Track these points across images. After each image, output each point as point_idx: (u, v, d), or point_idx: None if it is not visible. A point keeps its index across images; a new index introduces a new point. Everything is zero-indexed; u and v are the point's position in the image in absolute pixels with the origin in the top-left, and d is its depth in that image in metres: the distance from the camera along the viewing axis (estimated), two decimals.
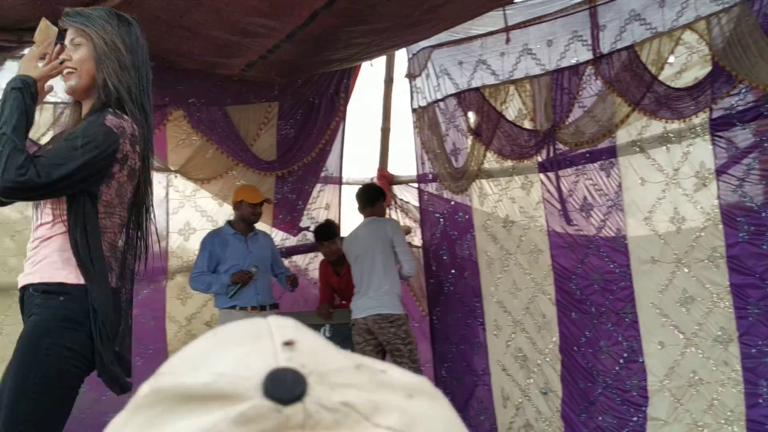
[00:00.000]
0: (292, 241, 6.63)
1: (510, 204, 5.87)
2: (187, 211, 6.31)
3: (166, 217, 6.23)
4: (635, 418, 5.15)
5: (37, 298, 2.84)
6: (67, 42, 2.97)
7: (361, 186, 6.37)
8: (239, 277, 5.73)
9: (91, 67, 2.92)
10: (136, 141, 2.88)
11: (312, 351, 0.52)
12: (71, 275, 2.77)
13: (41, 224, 2.89)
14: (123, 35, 2.95)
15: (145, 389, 0.51)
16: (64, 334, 2.75)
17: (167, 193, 6.23)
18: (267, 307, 5.88)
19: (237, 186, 6.17)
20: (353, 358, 0.53)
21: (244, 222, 5.93)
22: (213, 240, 5.91)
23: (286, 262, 6.47)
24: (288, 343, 0.51)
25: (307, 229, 6.65)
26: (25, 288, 2.91)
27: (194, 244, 6.15)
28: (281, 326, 0.53)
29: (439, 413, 0.53)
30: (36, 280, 2.85)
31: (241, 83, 6.27)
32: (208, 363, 0.51)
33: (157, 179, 6.16)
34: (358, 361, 0.53)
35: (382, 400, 0.50)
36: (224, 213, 6.28)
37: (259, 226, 6.10)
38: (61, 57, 2.95)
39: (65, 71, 2.96)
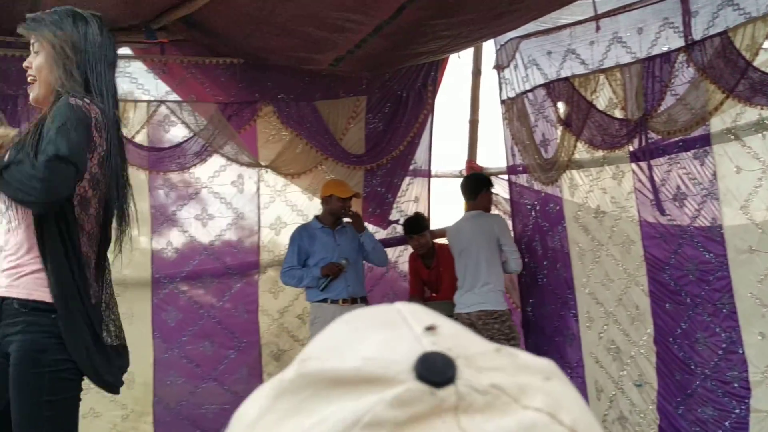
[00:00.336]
0: (381, 234, 6.81)
1: (601, 194, 5.93)
2: (277, 205, 6.57)
3: (258, 212, 6.51)
4: (738, 411, 5.16)
5: (27, 315, 2.85)
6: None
7: (464, 177, 6.57)
8: (329, 270, 5.97)
9: (47, 75, 2.96)
10: (101, 126, 2.87)
11: (454, 335, 0.54)
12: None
13: (11, 230, 2.90)
14: (78, 35, 2.97)
15: (289, 374, 0.54)
16: (61, 348, 2.81)
17: (258, 188, 6.51)
18: (358, 299, 6.10)
19: (326, 180, 6.41)
20: (489, 342, 0.56)
21: (332, 216, 6.17)
22: (301, 235, 6.16)
23: None
24: (430, 328, 0.54)
25: (396, 222, 6.82)
26: (4, 299, 2.90)
27: (285, 239, 6.41)
28: (413, 312, 0.56)
29: (574, 395, 0.55)
30: (22, 295, 2.86)
31: (330, 78, 6.51)
32: (351, 348, 0.54)
33: (248, 174, 6.47)
34: (495, 345, 0.56)
35: (526, 382, 0.52)
36: (314, 207, 6.52)
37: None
38: (24, 64, 3.02)
39: (29, 79, 3.00)
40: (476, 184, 6.32)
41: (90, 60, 2.98)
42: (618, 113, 5.77)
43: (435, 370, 0.51)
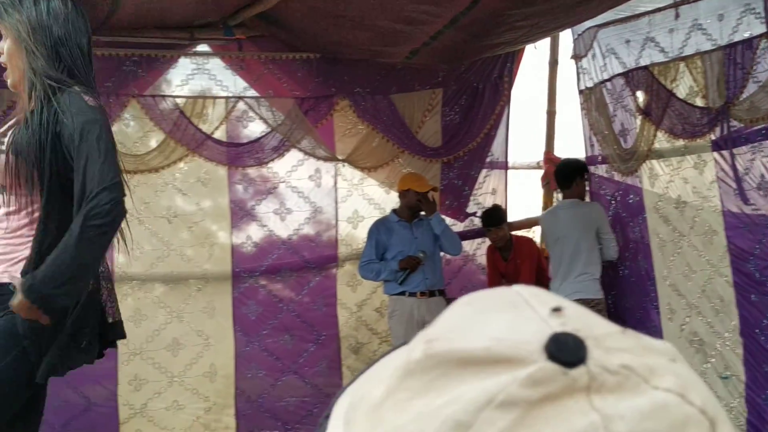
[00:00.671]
0: (458, 226, 6.95)
1: (682, 184, 5.96)
2: (355, 199, 6.78)
3: (335, 206, 6.73)
4: None
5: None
6: None
7: (557, 166, 6.67)
8: (407, 263, 6.15)
9: (16, 60, 3.03)
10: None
11: (580, 316, 0.56)
12: None
13: (9, 213, 3.00)
14: (39, 12, 2.99)
15: (416, 355, 0.55)
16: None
17: (335, 182, 6.72)
18: (436, 292, 6.29)
19: (403, 174, 6.58)
20: (613, 323, 0.57)
21: (409, 210, 6.35)
22: (379, 228, 6.35)
23: None
24: (556, 310, 0.55)
25: (473, 214, 6.96)
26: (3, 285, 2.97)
27: (362, 232, 6.63)
28: (535, 294, 0.58)
29: (697, 377, 0.56)
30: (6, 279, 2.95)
31: (405, 71, 6.68)
32: (477, 329, 0.55)
33: (326, 169, 6.69)
34: (619, 326, 0.57)
35: (654, 363, 0.54)
36: (391, 200, 6.70)
37: None
38: None
39: (2, 65, 3.09)
40: (570, 173, 6.42)
41: (58, 34, 3.00)
42: (699, 101, 5.78)
43: (567, 350, 0.52)
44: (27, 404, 3.16)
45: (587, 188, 6.62)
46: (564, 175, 6.43)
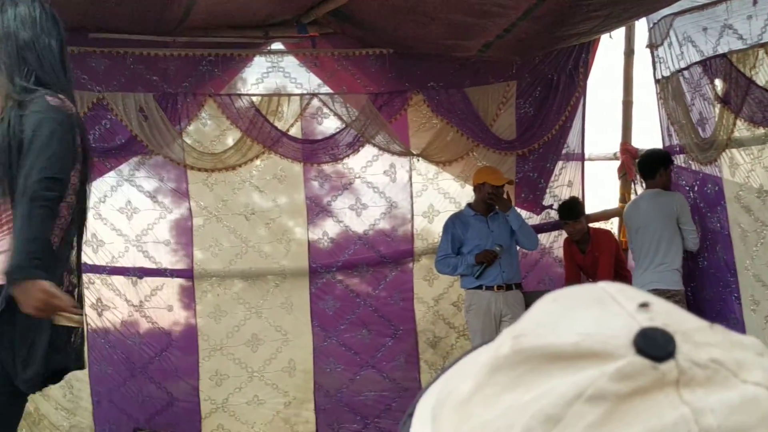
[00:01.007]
0: (534, 219, 7.07)
1: (764, 173, 5.96)
2: (430, 193, 6.94)
3: (410, 201, 6.90)
4: None
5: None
6: None
7: (641, 156, 6.74)
8: (484, 257, 6.25)
9: None
10: (76, 123, 3.10)
11: (667, 312, 0.57)
12: None
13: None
14: (4, 20, 3.07)
15: (504, 351, 0.57)
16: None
17: (410, 177, 6.89)
18: (513, 285, 6.41)
19: (478, 167, 6.70)
20: (700, 318, 0.58)
21: (485, 203, 6.45)
22: (455, 223, 6.46)
23: None
24: (644, 305, 0.56)
25: (549, 207, 7.06)
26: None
27: (438, 227, 6.77)
28: (621, 290, 0.59)
29: None
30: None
31: (479, 64, 6.79)
32: (564, 325, 0.57)
33: (400, 163, 6.87)
34: (706, 321, 0.58)
35: (742, 357, 0.55)
36: (466, 194, 6.83)
37: None
38: None
39: None
40: (654, 163, 6.46)
41: (24, 39, 3.06)
42: None
43: (656, 345, 0.53)
44: None
45: (672, 179, 6.64)
46: (648, 166, 6.48)
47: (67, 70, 3.20)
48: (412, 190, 6.92)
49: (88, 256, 6.29)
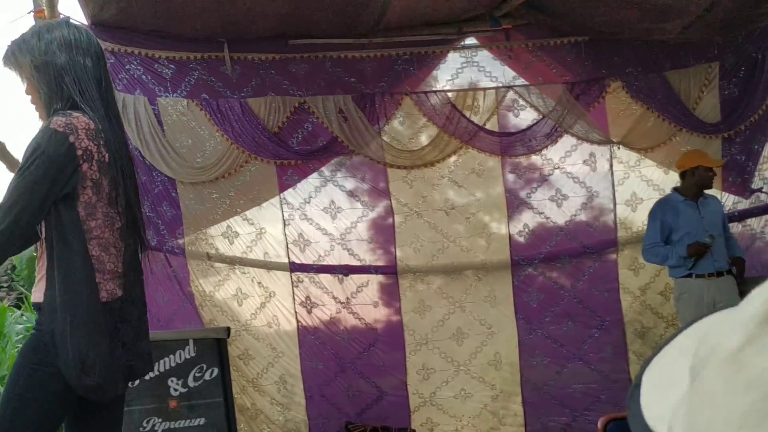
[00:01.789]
0: (743, 204, 6.96)
1: None
2: (632, 181, 6.92)
3: (612, 190, 6.90)
4: None
5: (38, 315, 3.21)
6: None
7: None
8: (695, 251, 6.16)
9: (36, 99, 3.27)
10: (96, 134, 3.13)
11: None
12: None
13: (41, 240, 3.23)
14: (42, 49, 3.20)
15: None
16: (48, 348, 3.10)
17: (611, 165, 6.90)
18: (724, 272, 6.31)
19: (684, 152, 6.64)
20: None
21: (697, 187, 6.37)
22: (663, 209, 6.39)
23: (739, 226, 6.87)
24: None
25: (759, 190, 6.93)
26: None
27: (641, 215, 6.76)
28: None
29: None
30: (36, 299, 3.22)
31: (678, 47, 6.76)
32: None
33: (600, 152, 6.89)
34: None
35: None
36: (670, 181, 6.80)
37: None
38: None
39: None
40: None
41: (61, 63, 3.20)
42: None
43: None
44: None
45: None
46: None
47: (101, 85, 3.29)
48: (614, 179, 6.93)
49: (296, 256, 6.60)
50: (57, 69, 3.18)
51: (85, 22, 6.02)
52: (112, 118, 3.28)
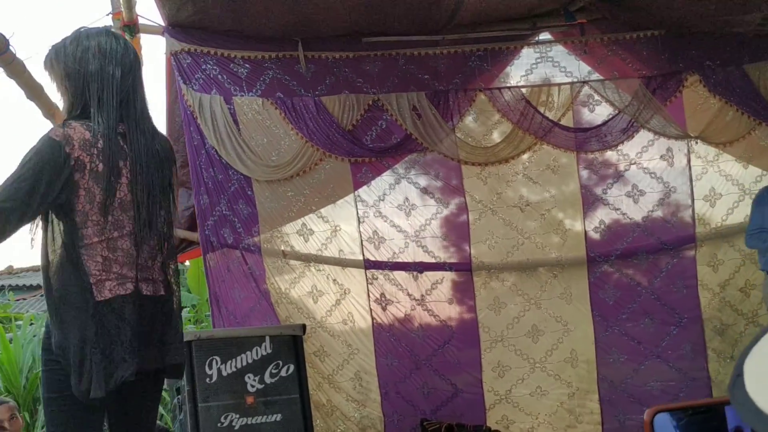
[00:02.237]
0: None
1: None
2: (710, 176, 6.87)
3: (690, 185, 6.85)
4: None
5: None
6: None
7: None
8: None
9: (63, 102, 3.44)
10: (90, 145, 3.20)
11: None
12: None
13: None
14: (74, 58, 3.34)
15: None
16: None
17: (689, 160, 6.85)
18: None
19: (761, 146, 6.62)
20: None
21: None
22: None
23: None
24: None
25: None
26: None
27: (720, 211, 6.74)
28: None
29: None
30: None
31: (758, 39, 6.68)
32: None
33: (677, 147, 6.83)
34: None
35: None
36: (749, 175, 6.78)
37: None
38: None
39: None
40: None
41: (91, 71, 3.33)
42: None
43: None
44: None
45: None
46: None
47: (126, 95, 3.39)
48: (692, 174, 6.89)
49: (370, 253, 6.67)
50: (86, 77, 3.33)
51: (163, 24, 6.16)
52: (137, 126, 3.38)
